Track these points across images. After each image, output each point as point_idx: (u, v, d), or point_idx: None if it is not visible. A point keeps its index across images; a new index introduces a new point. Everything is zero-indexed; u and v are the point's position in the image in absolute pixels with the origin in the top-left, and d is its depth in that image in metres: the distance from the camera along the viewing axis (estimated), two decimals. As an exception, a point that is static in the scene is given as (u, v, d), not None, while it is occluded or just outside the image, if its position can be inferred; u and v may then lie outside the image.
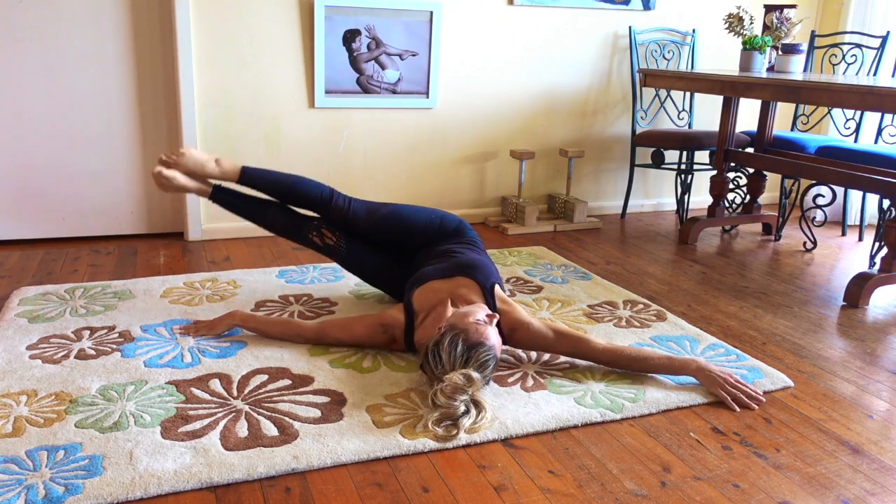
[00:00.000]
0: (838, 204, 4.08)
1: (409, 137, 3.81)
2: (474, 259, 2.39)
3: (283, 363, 2.20)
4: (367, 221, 2.57)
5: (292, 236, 2.62)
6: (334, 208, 2.57)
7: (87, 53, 3.26)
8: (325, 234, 2.59)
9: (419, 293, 2.28)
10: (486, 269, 2.35)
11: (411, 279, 2.38)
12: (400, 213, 2.60)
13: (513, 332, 2.21)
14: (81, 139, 3.35)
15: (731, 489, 1.69)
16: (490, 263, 2.44)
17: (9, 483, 1.59)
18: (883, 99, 2.71)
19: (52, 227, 3.42)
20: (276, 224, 2.62)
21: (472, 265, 2.34)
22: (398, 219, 2.59)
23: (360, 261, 2.63)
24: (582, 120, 4.17)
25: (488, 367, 1.99)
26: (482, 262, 2.39)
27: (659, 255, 3.55)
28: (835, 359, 2.43)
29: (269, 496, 1.61)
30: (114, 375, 2.08)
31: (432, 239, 2.59)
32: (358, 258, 2.62)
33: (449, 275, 2.31)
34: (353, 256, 2.61)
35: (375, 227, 2.58)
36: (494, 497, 1.63)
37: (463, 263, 2.35)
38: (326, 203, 2.57)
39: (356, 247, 2.61)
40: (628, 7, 4.06)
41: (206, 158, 2.55)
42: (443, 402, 1.86)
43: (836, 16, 4.44)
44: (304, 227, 2.60)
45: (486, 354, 1.98)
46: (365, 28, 3.56)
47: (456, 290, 2.24)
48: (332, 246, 2.60)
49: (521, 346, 2.24)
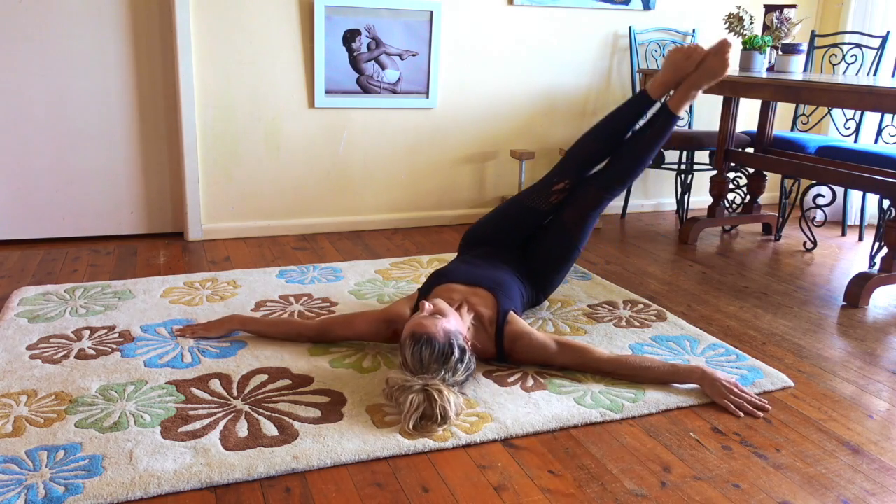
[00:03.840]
0: (838, 204, 4.08)
1: (409, 137, 3.81)
2: (508, 283, 2.37)
3: (283, 363, 2.20)
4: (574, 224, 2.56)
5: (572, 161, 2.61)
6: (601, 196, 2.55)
7: (87, 53, 3.26)
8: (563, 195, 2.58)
9: (437, 291, 2.28)
10: (512, 294, 2.33)
11: (437, 272, 2.38)
12: (573, 255, 2.60)
13: (514, 343, 2.19)
14: (81, 139, 3.35)
15: (731, 489, 1.69)
16: (520, 301, 2.41)
17: (9, 483, 1.59)
18: (883, 99, 2.71)
19: (52, 227, 3.42)
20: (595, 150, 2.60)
21: (501, 284, 2.32)
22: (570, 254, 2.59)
23: (525, 221, 2.62)
24: (582, 120, 4.16)
25: (423, 355, 1.92)
26: (514, 289, 2.37)
27: (659, 255, 3.55)
28: (835, 359, 2.43)
29: (269, 496, 1.61)
30: (114, 375, 2.08)
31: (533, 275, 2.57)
32: (530, 220, 2.62)
33: (474, 282, 2.30)
34: (533, 216, 2.61)
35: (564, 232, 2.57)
36: (494, 497, 1.63)
37: (495, 278, 2.34)
38: (611, 189, 2.56)
39: (543, 219, 2.62)
40: (628, 7, 4.06)
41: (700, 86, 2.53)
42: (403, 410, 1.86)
43: (836, 16, 4.44)
44: (580, 173, 2.59)
45: (415, 344, 1.94)
46: (365, 28, 3.56)
47: (470, 298, 2.23)
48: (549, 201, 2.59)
49: (523, 359, 2.21)
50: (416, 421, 1.84)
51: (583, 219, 2.57)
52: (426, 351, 1.93)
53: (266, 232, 3.67)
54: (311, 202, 3.72)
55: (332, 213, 3.78)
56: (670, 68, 2.52)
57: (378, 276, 3.05)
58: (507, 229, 2.64)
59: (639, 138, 2.58)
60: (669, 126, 2.55)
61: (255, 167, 3.56)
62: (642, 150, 2.55)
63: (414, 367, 1.93)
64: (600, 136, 2.62)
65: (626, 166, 2.57)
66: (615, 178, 2.57)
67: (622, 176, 2.58)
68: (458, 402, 1.91)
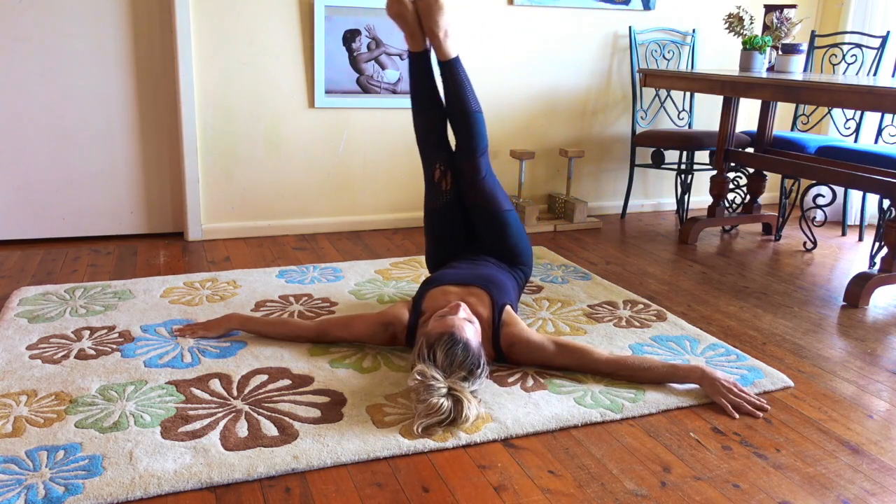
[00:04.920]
0: (838, 204, 4.08)
1: (409, 137, 3.81)
2: (497, 276, 2.37)
3: (283, 363, 2.20)
4: (483, 199, 2.53)
5: (424, 145, 2.57)
6: (474, 164, 2.51)
7: (87, 54, 3.26)
8: (447, 177, 2.54)
9: (432, 294, 2.28)
10: (504, 288, 2.33)
11: (428, 278, 2.38)
12: (509, 221, 2.55)
13: (511, 346, 2.19)
14: (81, 139, 3.35)
15: (731, 489, 1.69)
16: (513, 289, 2.41)
17: (9, 483, 1.59)
18: (882, 99, 2.71)
19: (52, 227, 3.42)
20: (427, 125, 2.54)
21: (492, 280, 2.32)
22: (503, 222, 2.54)
23: (445, 222, 2.58)
24: (582, 120, 4.17)
25: (455, 355, 1.93)
26: (504, 282, 2.37)
27: (659, 255, 3.55)
28: (835, 359, 2.43)
29: (269, 496, 1.61)
30: (114, 375, 2.08)
31: (498, 253, 2.55)
32: (447, 217, 2.58)
33: (466, 282, 2.30)
34: (446, 212, 2.57)
35: (484, 210, 2.54)
36: (494, 497, 1.63)
37: (484, 275, 2.34)
38: (473, 153, 2.50)
39: (455, 208, 2.57)
40: (628, 7, 4.06)
41: (444, 23, 2.43)
42: (420, 408, 1.86)
43: (836, 16, 4.44)
44: (440, 154, 2.55)
45: (448, 344, 1.94)
46: (365, 28, 3.56)
47: (466, 298, 2.23)
48: (442, 190, 2.55)
49: (522, 360, 2.21)
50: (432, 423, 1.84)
51: (480, 190, 2.53)
52: (461, 355, 1.94)
53: (266, 232, 3.67)
54: (311, 202, 3.72)
55: (332, 213, 3.78)
56: (398, 22, 2.47)
57: (378, 276, 3.05)
58: (449, 237, 2.62)
59: (449, 96, 2.52)
60: (454, 70, 2.48)
61: (255, 167, 3.57)
62: (460, 104, 2.50)
63: (443, 366, 1.92)
64: (422, 109, 2.56)
65: (462, 127, 2.52)
66: (466, 142, 2.52)
67: (467, 137, 2.52)
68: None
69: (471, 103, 2.50)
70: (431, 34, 2.45)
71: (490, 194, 2.53)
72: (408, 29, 2.46)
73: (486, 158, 2.53)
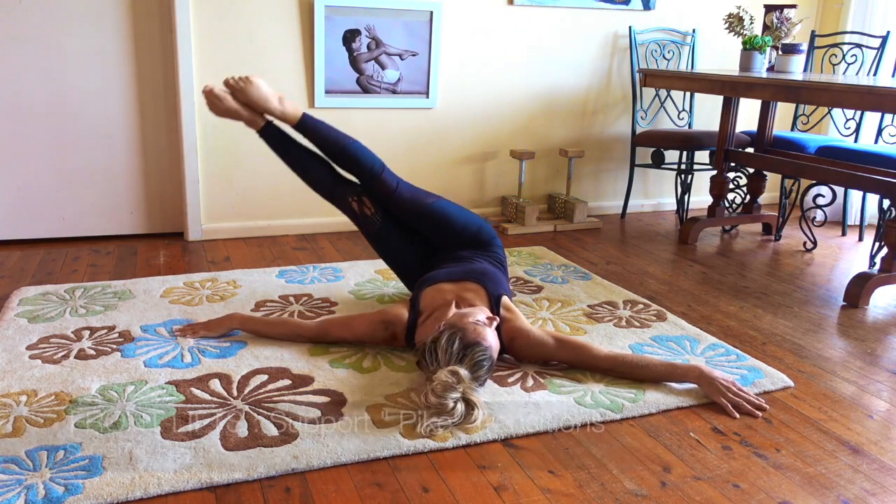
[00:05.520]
0: (838, 204, 4.08)
1: (409, 137, 3.81)
2: (487, 268, 2.40)
3: (283, 363, 2.20)
4: (409, 206, 2.53)
5: (330, 195, 2.58)
6: (381, 183, 2.52)
7: (87, 53, 3.26)
8: (366, 203, 2.54)
9: (427, 292, 2.29)
10: (497, 278, 2.36)
11: (421, 279, 2.39)
12: (442, 210, 2.55)
13: (512, 340, 2.21)
14: (81, 139, 3.35)
15: (731, 489, 1.69)
16: (504, 277, 2.45)
17: (9, 483, 1.59)
18: (883, 99, 2.71)
19: (52, 227, 3.42)
20: (317, 179, 2.56)
21: (484, 272, 2.35)
22: (439, 214, 2.54)
23: (389, 240, 2.58)
24: (582, 120, 4.17)
25: (482, 367, 1.98)
26: (495, 272, 2.40)
27: (659, 255, 3.55)
28: (835, 359, 2.43)
29: (269, 496, 1.61)
30: (114, 375, 2.08)
31: (462, 243, 2.56)
32: (388, 236, 2.58)
33: (459, 278, 2.32)
34: (385, 233, 2.57)
35: (416, 215, 2.54)
36: (494, 497, 1.63)
37: (475, 269, 2.36)
38: (376, 176, 2.51)
39: (390, 225, 2.57)
40: (628, 7, 4.06)
41: (271, 94, 2.47)
42: (433, 401, 1.86)
43: (836, 16, 4.44)
44: (345, 190, 2.56)
45: (482, 354, 1.98)
46: (365, 28, 3.56)
47: (462, 294, 2.25)
48: (369, 216, 2.55)
49: (522, 355, 2.23)
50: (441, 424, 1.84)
51: (400, 201, 2.53)
52: (487, 367, 2.00)
53: (266, 232, 3.67)
54: (311, 202, 3.71)
55: (332, 213, 3.76)
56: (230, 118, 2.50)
57: (378, 276, 3.05)
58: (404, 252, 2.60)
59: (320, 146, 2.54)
60: (309, 125, 2.49)
61: (255, 167, 3.56)
62: (334, 146, 2.50)
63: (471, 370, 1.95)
64: (303, 171, 2.57)
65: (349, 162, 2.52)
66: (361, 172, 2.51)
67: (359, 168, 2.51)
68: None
69: (341, 140, 2.51)
70: (268, 112, 2.48)
71: (411, 200, 2.54)
72: (243, 118, 2.50)
73: (388, 172, 2.54)
